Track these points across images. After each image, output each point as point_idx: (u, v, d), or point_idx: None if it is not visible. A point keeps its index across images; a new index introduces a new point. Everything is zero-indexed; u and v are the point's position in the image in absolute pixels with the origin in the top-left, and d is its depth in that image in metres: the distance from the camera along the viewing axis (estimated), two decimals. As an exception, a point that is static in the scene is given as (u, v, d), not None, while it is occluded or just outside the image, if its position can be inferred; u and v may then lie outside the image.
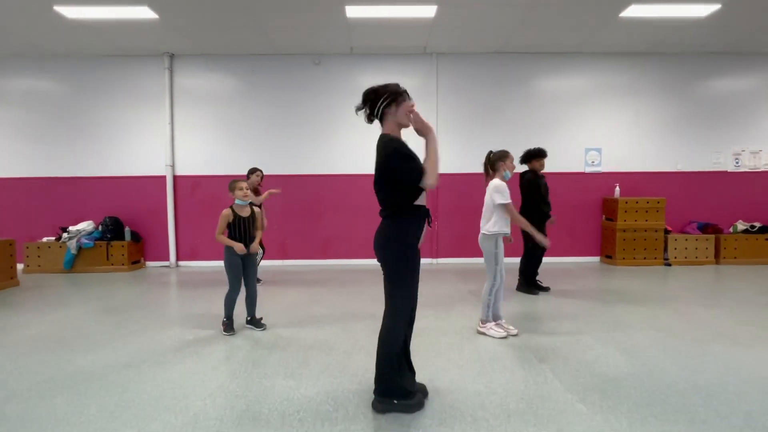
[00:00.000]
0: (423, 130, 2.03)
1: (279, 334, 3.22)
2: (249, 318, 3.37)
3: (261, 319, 3.40)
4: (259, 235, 3.39)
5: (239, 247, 3.15)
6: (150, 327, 3.42)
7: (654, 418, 1.96)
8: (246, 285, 3.32)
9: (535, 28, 5.53)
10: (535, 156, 4.46)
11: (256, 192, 4.78)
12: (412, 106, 2.04)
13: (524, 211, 4.25)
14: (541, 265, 4.56)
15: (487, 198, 3.21)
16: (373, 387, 2.06)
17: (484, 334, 3.16)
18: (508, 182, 3.23)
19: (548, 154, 4.54)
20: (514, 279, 4.56)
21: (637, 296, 4.32)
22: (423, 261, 2.45)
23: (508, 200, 3.13)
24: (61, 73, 6.31)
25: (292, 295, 4.55)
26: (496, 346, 2.94)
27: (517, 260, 4.53)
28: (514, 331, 3.14)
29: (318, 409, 2.05)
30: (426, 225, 2.05)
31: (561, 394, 2.19)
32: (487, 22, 5.34)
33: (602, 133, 6.51)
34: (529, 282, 4.49)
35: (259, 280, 4.80)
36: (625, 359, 2.66)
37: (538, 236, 3.26)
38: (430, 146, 1.99)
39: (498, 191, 3.15)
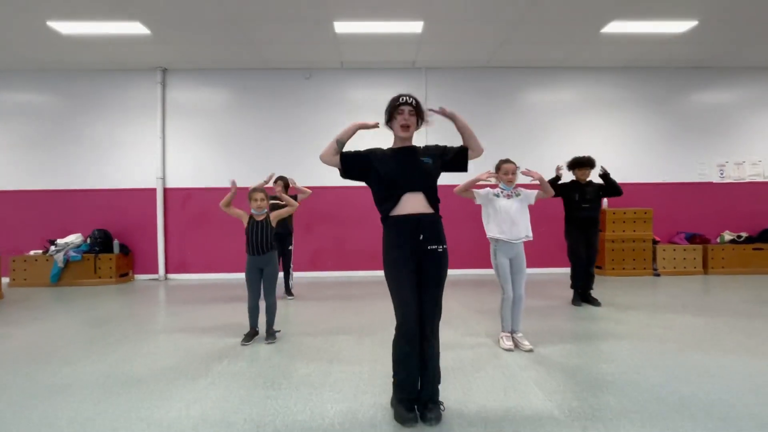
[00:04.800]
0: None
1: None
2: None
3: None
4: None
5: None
6: (129, 340, 3.38)
7: (631, 424, 1.94)
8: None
9: (520, 43, 5.68)
10: (573, 165, 4.47)
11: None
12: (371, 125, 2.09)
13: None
14: (531, 276, 4.45)
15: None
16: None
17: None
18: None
19: (588, 160, 4.42)
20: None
21: (628, 305, 4.32)
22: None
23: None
24: (52, 86, 6.37)
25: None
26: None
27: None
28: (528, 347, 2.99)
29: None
30: (409, 234, 1.98)
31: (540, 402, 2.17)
32: (473, 37, 5.47)
33: (589, 145, 6.56)
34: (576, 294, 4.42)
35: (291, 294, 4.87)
36: (610, 367, 2.65)
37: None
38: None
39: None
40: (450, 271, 2.07)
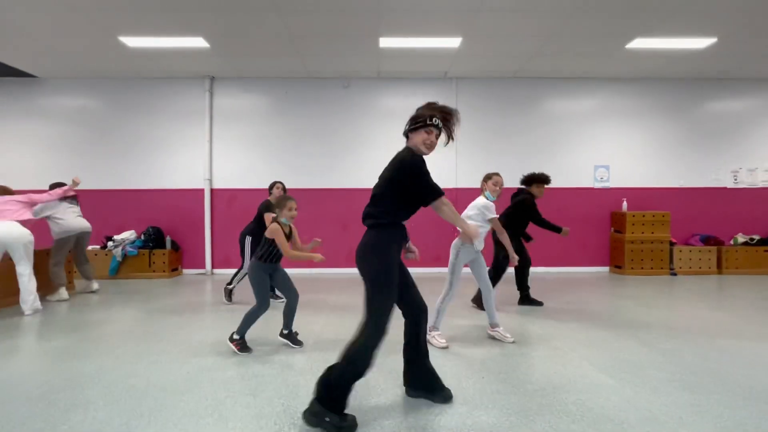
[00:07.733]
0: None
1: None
2: (286, 331, 3.22)
3: (297, 334, 3.25)
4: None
5: (318, 257, 3.05)
6: (188, 332, 3.82)
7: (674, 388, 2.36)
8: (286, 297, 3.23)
9: (549, 56, 6.07)
10: (535, 180, 4.55)
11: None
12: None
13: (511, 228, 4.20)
14: (555, 275, 4.79)
15: (467, 211, 3.47)
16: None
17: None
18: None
19: (551, 179, 4.57)
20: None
21: (650, 301, 4.73)
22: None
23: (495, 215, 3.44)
24: (110, 92, 6.84)
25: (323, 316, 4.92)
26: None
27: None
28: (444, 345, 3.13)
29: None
30: (404, 241, 2.24)
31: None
32: (507, 51, 5.87)
33: (610, 151, 7.01)
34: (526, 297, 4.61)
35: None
36: (646, 350, 3.07)
37: (512, 252, 3.60)
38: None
39: (488, 209, 3.40)
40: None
